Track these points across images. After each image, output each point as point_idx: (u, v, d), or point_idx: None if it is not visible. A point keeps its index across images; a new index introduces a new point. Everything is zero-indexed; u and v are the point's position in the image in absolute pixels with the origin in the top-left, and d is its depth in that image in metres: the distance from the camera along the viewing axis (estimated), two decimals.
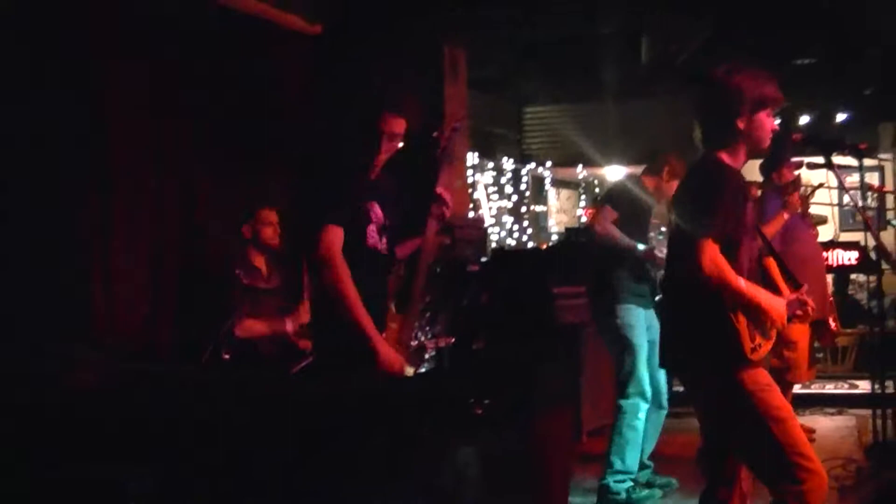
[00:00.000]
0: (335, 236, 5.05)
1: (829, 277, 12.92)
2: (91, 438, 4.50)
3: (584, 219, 15.75)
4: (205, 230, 8.10)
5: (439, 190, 5.50)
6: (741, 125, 4.63)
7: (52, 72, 6.86)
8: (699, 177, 4.74)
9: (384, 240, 5.36)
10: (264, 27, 8.94)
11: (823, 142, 5.97)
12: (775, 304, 4.63)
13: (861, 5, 10.12)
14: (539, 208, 15.75)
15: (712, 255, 4.42)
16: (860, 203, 7.19)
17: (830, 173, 6.44)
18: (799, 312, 4.95)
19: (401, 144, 5.34)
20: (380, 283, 5.30)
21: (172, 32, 7.88)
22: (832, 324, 9.51)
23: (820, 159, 6.00)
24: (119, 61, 7.48)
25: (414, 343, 5.52)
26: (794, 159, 8.69)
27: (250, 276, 7.61)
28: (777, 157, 8.50)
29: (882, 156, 14.21)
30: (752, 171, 8.78)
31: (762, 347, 4.56)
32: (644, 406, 7.40)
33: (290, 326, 7.47)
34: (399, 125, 5.27)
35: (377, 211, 5.33)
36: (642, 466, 7.60)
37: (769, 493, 4.61)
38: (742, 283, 4.52)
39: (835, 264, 11.36)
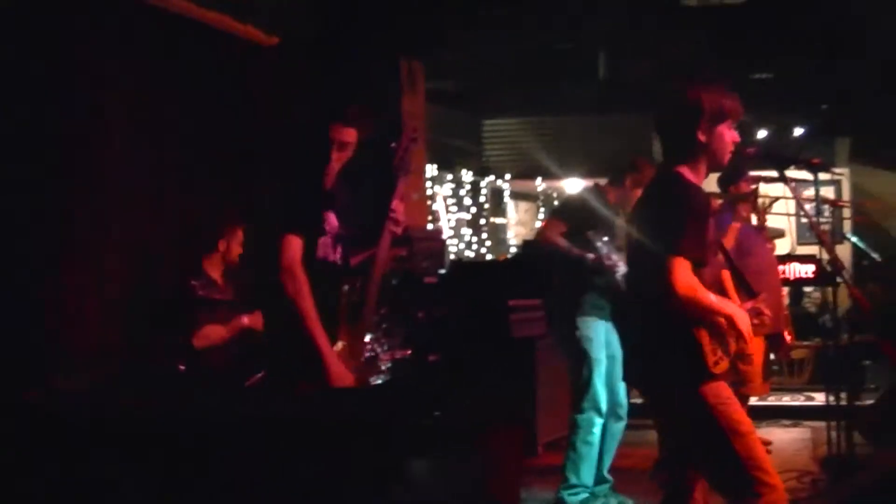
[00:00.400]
0: (295, 246, 5.06)
1: (785, 290, 13.03)
2: None
3: None
4: (161, 242, 8.03)
5: (395, 202, 5.50)
6: (702, 138, 4.62)
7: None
8: (663, 194, 4.71)
9: (338, 250, 5.36)
10: (223, 38, 8.90)
11: (777, 156, 5.99)
12: (744, 317, 4.65)
13: (818, 21, 10.18)
14: (498, 220, 15.76)
15: (684, 275, 4.42)
16: (813, 217, 7.21)
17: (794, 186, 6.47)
18: (755, 321, 4.97)
19: (350, 153, 5.35)
20: (331, 295, 5.28)
21: (127, 41, 7.83)
22: (787, 337, 9.56)
23: (775, 173, 6.02)
24: (74, 70, 7.43)
25: (367, 355, 5.51)
26: (753, 173, 8.71)
27: (206, 288, 7.57)
28: (734, 170, 8.53)
29: (837, 170, 14.31)
30: (710, 184, 8.80)
31: (723, 362, 4.57)
32: (599, 421, 7.39)
33: (247, 321, 7.41)
34: (349, 134, 5.29)
35: (332, 221, 5.35)
36: (602, 480, 7.59)
37: None
38: (713, 299, 4.56)
39: (791, 277, 11.41)
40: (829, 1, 9.98)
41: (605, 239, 7.23)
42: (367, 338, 5.57)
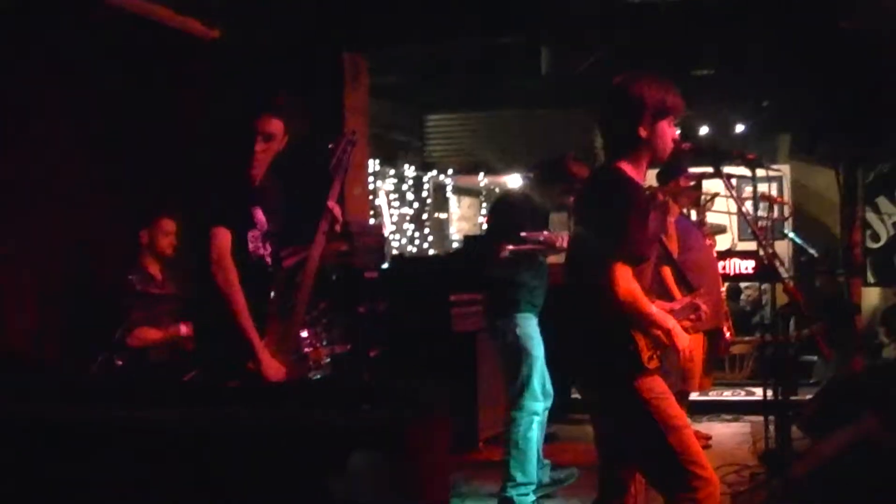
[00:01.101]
0: (224, 239, 5.04)
1: (725, 286, 13.12)
2: None
3: (484, 226, 15.80)
4: (96, 237, 7.97)
5: (330, 203, 5.48)
6: (643, 133, 4.62)
7: None
8: (604, 192, 4.69)
9: (267, 246, 5.34)
10: (164, 32, 8.85)
11: (712, 151, 6.02)
12: (682, 334, 4.66)
13: (759, 18, 10.24)
14: (441, 216, 15.77)
15: (626, 280, 4.43)
16: (751, 214, 7.25)
17: (733, 182, 6.50)
18: (692, 317, 4.99)
19: (278, 147, 5.30)
20: (261, 289, 5.27)
21: (69, 35, 7.76)
22: (727, 333, 9.62)
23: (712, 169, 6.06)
24: (5, 62, 7.35)
25: (306, 350, 5.51)
26: (693, 170, 8.75)
27: (143, 283, 7.54)
28: (673, 166, 8.56)
29: (776, 166, 14.40)
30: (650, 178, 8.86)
31: (656, 358, 4.59)
32: (538, 417, 7.39)
33: (185, 330, 7.39)
34: (274, 125, 5.23)
35: (260, 216, 5.31)
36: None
37: (664, 502, 4.65)
38: (654, 310, 4.57)
39: (732, 273, 11.48)
40: None
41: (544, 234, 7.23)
42: (305, 333, 5.56)
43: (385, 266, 10.19)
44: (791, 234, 10.49)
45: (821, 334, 6.12)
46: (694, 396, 10.27)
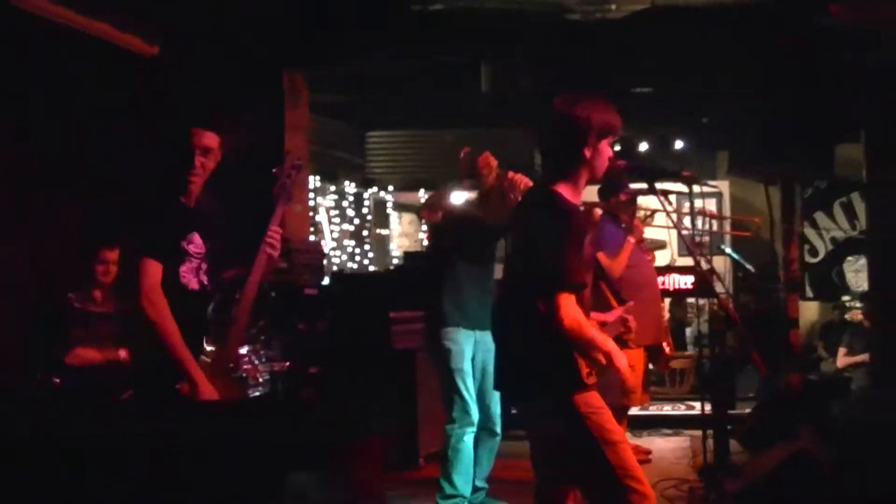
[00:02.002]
0: (154, 271, 5.00)
1: (667, 301, 13.22)
2: None
3: (425, 243, 15.81)
4: (35, 256, 7.91)
5: (273, 227, 5.48)
6: (587, 154, 4.68)
7: None
8: (542, 216, 4.72)
9: (203, 271, 5.30)
10: (104, 48, 8.79)
11: (646, 168, 6.08)
12: (622, 356, 4.70)
13: (697, 35, 10.33)
14: (382, 232, 15.76)
15: (570, 308, 4.50)
16: (686, 229, 7.33)
17: (672, 199, 6.58)
18: (622, 329, 5.05)
19: (213, 163, 5.27)
20: (196, 316, 5.24)
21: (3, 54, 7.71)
22: (666, 348, 9.70)
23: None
24: None
25: (244, 367, 5.49)
26: (634, 186, 8.81)
27: (83, 301, 7.50)
28: (614, 182, 8.63)
29: (714, 183, 14.54)
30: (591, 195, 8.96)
31: (594, 374, 4.63)
32: (470, 430, 7.42)
33: (123, 355, 7.33)
34: (210, 139, 5.21)
35: (197, 241, 5.27)
36: (476, 489, 7.64)
37: None
38: (596, 335, 4.63)
39: (671, 288, 11.56)
40: (708, 16, 10.10)
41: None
42: (245, 349, 5.55)
43: (325, 283, 10.18)
44: (727, 250, 10.58)
45: (756, 349, 6.18)
46: (634, 411, 10.38)
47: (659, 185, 5.90)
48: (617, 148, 13.81)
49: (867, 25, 9.79)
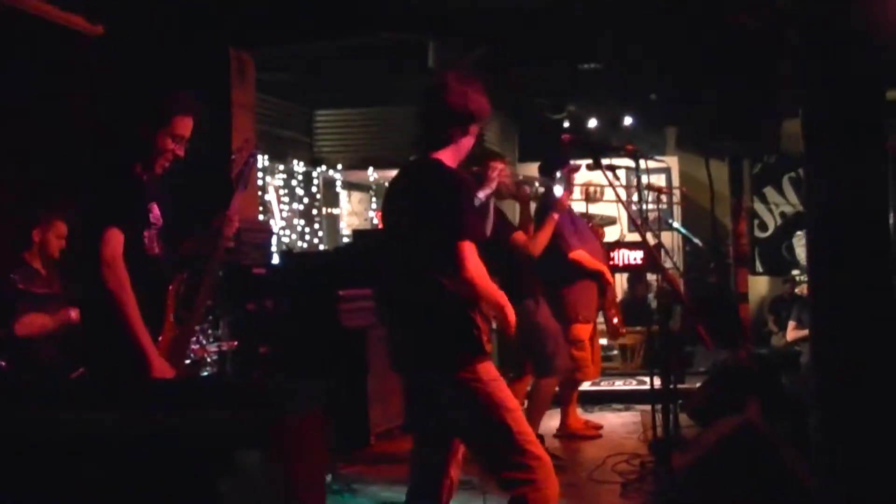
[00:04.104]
0: (117, 239, 4.97)
1: (621, 276, 13.33)
2: None
3: (375, 221, 15.82)
4: None
5: (229, 213, 5.50)
6: (459, 135, 4.90)
7: None
8: (432, 182, 4.83)
9: (162, 243, 5.30)
10: (47, 27, 8.72)
11: (590, 144, 6.12)
12: (510, 308, 4.84)
13: (648, 12, 10.36)
14: (332, 211, 15.75)
15: (474, 259, 4.64)
16: (634, 204, 7.36)
17: (620, 174, 6.61)
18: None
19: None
20: (154, 289, 5.22)
21: None
22: (614, 320, 9.78)
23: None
24: None
25: (193, 355, 5.50)
26: (577, 161, 8.80)
27: (27, 281, 7.43)
28: (555, 158, 8.65)
29: (663, 158, 14.63)
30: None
31: (490, 342, 4.80)
32: None
33: (74, 315, 7.23)
34: (188, 127, 5.21)
35: (156, 212, 5.26)
36: None
37: (501, 486, 4.76)
38: (493, 286, 4.77)
39: (621, 264, 11.61)
40: None
41: None
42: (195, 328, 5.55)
43: (274, 262, 10.16)
44: (676, 225, 10.63)
45: (701, 324, 6.22)
46: (586, 386, 10.45)
47: (605, 161, 5.94)
48: (566, 124, 14.04)
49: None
